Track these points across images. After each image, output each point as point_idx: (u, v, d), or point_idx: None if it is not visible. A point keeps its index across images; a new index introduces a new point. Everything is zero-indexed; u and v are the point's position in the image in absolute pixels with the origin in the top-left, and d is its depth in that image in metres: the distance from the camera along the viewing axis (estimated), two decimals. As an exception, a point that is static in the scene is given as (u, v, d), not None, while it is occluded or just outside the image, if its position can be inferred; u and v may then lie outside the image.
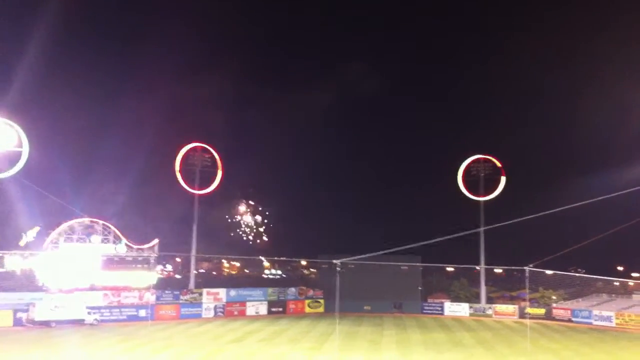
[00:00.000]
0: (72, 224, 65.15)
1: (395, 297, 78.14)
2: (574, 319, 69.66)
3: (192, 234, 75.02)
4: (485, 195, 79.08)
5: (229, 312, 71.06)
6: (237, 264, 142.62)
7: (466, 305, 77.96)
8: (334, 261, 44.03)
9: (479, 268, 78.19)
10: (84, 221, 65.84)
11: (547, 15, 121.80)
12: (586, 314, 69.16)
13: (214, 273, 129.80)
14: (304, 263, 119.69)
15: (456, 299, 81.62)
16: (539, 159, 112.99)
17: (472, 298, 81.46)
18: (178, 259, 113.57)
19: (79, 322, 58.86)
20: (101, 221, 66.54)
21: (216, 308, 70.61)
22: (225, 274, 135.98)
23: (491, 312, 76.03)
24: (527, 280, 45.76)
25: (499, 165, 79.49)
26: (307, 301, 78.03)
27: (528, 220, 33.64)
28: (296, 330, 58.51)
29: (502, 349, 48.04)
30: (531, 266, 38.65)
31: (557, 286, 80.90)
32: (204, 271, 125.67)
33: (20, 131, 62.26)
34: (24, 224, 76.20)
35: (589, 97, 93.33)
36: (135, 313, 64.60)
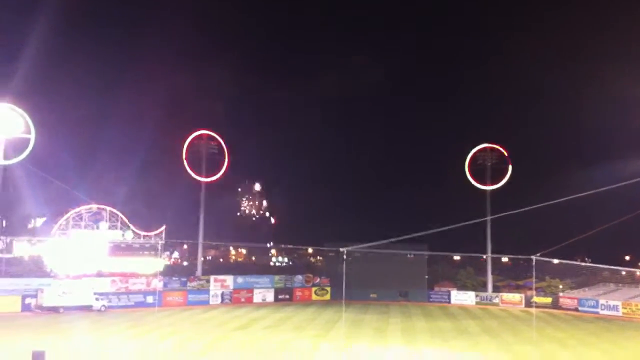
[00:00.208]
0: (80, 210, 65.42)
1: (401, 286, 78.23)
2: (580, 308, 69.47)
3: (199, 221, 75.27)
4: (492, 184, 78.96)
5: (236, 299, 71.36)
6: (243, 251, 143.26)
7: (472, 294, 78.03)
8: (340, 249, 44.08)
9: (485, 257, 78.17)
10: (91, 208, 66.07)
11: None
12: (593, 303, 68.92)
13: (221, 260, 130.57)
14: (310, 251, 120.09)
15: (462, 287, 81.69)
16: (546, 149, 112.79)
17: (479, 287, 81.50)
18: (185, 246, 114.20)
19: (87, 308, 59.13)
20: (108, 208, 66.74)
21: (223, 295, 70.88)
22: (232, 261, 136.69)
23: (497, 300, 76.02)
24: (534, 269, 45.55)
25: (505, 154, 79.25)
26: (314, 289, 78.25)
27: (535, 209, 33.42)
28: (302, 318, 58.68)
29: (507, 337, 48.05)
30: (538, 255, 38.43)
31: (563, 275, 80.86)
32: (210, 258, 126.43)
33: (27, 117, 62.33)
34: (32, 211, 76.74)
35: (595, 89, 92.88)
36: (143, 299, 64.88)
